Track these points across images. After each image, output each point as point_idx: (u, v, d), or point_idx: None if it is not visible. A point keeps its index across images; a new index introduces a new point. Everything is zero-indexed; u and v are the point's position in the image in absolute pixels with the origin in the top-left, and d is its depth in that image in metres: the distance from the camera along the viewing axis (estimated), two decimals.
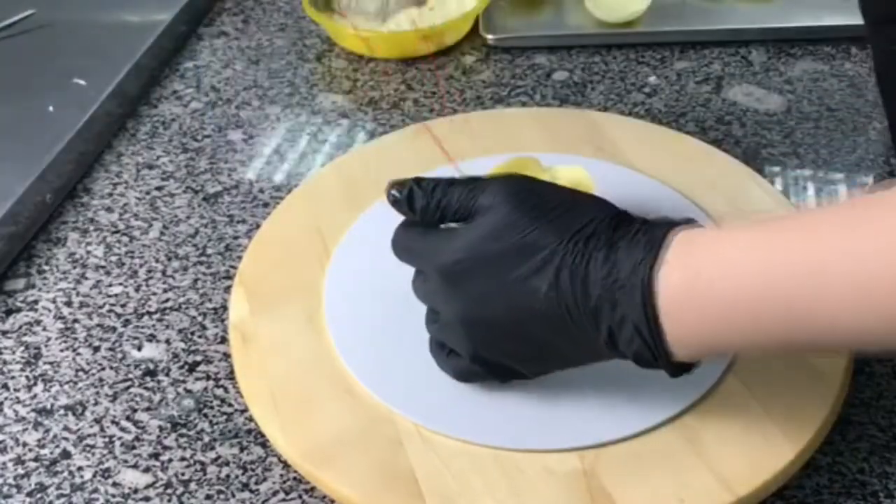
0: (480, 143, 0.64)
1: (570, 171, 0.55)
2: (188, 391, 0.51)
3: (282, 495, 0.46)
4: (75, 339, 0.54)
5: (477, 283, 0.43)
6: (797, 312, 0.37)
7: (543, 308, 0.41)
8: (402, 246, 0.47)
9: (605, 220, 0.41)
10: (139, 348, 0.54)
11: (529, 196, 0.43)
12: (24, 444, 0.49)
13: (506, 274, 0.42)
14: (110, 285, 0.58)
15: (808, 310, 0.36)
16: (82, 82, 0.71)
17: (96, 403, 0.51)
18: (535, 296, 0.41)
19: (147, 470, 0.47)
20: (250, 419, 0.49)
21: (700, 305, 0.39)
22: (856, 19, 0.77)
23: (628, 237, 0.40)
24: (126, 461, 0.48)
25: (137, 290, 0.57)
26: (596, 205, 0.43)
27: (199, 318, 0.55)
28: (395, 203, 0.46)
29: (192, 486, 0.46)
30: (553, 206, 0.42)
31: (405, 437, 0.46)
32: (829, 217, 0.38)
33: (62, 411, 0.50)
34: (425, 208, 0.45)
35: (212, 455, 0.48)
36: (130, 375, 0.52)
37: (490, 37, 0.78)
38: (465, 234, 0.44)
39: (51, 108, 0.69)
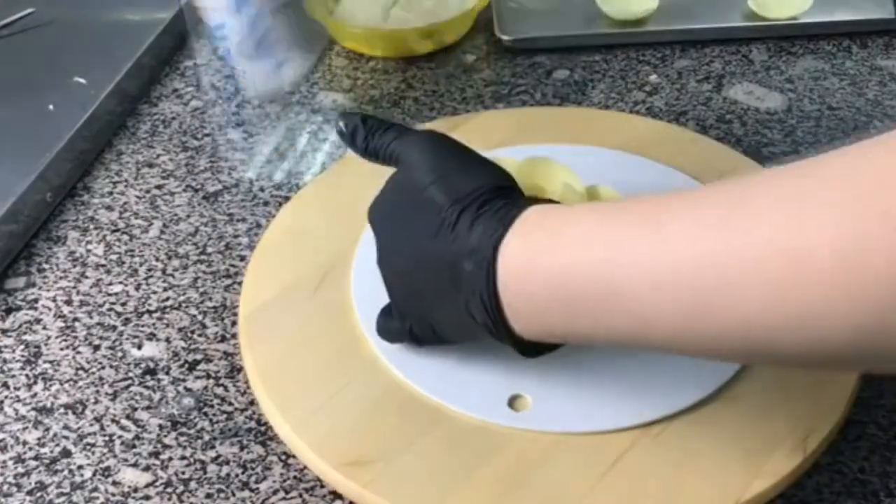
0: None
1: (604, 190, 0.55)
2: (188, 390, 0.51)
3: (282, 494, 0.46)
4: (75, 337, 0.54)
5: (385, 231, 0.46)
6: (623, 307, 0.37)
7: (429, 266, 0.43)
8: None
9: (487, 189, 0.42)
10: (139, 347, 0.54)
11: (433, 155, 0.45)
12: (25, 443, 0.49)
13: (404, 226, 0.44)
14: (110, 284, 0.58)
15: (626, 308, 0.37)
16: (82, 81, 0.71)
17: (96, 402, 0.51)
18: (424, 251, 0.43)
19: (147, 469, 0.47)
20: (250, 418, 0.49)
21: (538, 283, 0.39)
22: (856, 17, 0.78)
23: (493, 209, 0.41)
24: (126, 460, 0.48)
25: (137, 288, 0.57)
26: (487, 172, 0.44)
27: (200, 317, 0.55)
28: (340, 135, 0.49)
29: (193, 484, 0.46)
30: (450, 167, 0.44)
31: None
32: (671, 211, 0.37)
33: (62, 410, 0.50)
34: (364, 147, 0.48)
35: (212, 454, 0.48)
36: (130, 374, 0.52)
37: (505, 38, 0.78)
38: (386, 185, 0.47)
39: (51, 107, 0.69)
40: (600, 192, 0.54)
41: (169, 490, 0.46)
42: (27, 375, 0.52)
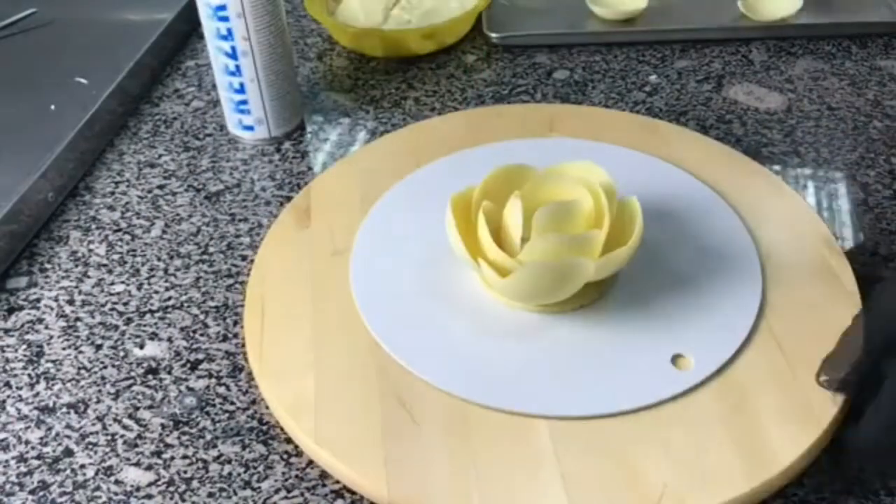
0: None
1: (579, 166, 0.54)
2: (190, 389, 0.51)
3: (284, 493, 0.46)
4: (77, 337, 0.55)
5: None
6: None
7: None
8: None
9: None
10: (141, 346, 0.54)
11: None
12: (27, 442, 0.49)
13: None
14: (112, 283, 0.58)
15: None
16: (84, 81, 0.72)
17: (98, 401, 0.51)
18: None
19: (149, 468, 0.47)
20: (252, 417, 0.49)
21: None
22: (856, 16, 0.78)
23: None
24: (128, 459, 0.48)
25: (139, 288, 0.57)
26: None
27: (202, 317, 0.55)
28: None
29: (195, 483, 0.46)
30: None
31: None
32: None
33: (64, 409, 0.50)
34: None
35: (214, 453, 0.48)
36: (132, 373, 0.52)
37: (494, 35, 0.78)
38: None
39: (52, 107, 0.69)
40: (630, 205, 0.53)
41: (171, 489, 0.46)
42: (29, 375, 0.52)
